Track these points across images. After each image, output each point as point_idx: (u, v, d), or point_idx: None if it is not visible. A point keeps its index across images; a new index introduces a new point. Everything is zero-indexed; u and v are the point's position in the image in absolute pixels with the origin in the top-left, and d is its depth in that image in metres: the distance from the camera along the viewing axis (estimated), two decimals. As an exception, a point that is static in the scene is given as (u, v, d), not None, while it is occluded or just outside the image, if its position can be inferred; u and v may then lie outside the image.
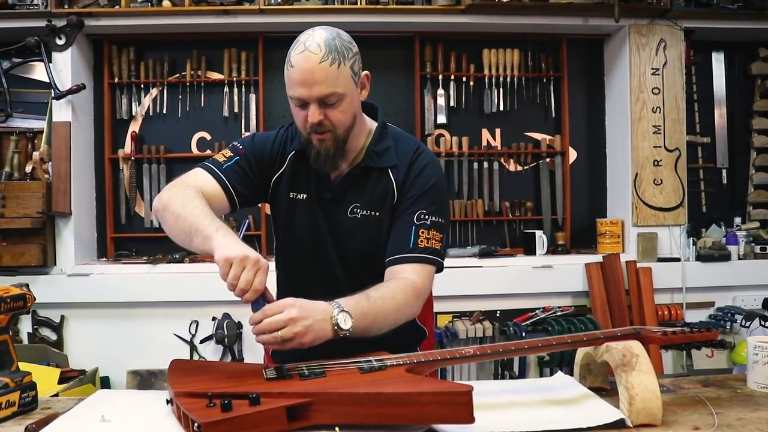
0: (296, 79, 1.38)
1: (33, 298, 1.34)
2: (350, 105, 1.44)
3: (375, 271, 1.50)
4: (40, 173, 3.30)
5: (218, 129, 3.68)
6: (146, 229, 3.64)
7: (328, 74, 1.36)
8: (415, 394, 1.06)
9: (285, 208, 1.58)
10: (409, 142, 1.62)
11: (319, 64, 1.35)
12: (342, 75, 1.39)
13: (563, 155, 3.81)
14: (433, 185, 1.54)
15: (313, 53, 1.36)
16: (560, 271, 3.51)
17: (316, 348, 1.36)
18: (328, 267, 1.56)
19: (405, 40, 3.71)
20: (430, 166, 1.56)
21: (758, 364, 1.35)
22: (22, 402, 1.24)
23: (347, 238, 1.54)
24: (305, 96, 1.38)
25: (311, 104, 1.39)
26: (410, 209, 1.51)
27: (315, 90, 1.37)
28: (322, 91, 1.37)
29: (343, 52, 1.39)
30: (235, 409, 1.03)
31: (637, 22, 3.56)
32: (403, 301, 1.39)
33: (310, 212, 1.55)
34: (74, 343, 3.35)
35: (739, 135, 3.94)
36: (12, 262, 3.23)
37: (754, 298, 3.54)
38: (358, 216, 1.53)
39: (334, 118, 1.42)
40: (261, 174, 1.56)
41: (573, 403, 1.25)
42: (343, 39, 1.41)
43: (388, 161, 1.54)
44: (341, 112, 1.42)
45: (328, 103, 1.39)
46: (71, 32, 3.33)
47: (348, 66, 1.40)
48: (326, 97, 1.38)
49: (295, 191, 1.56)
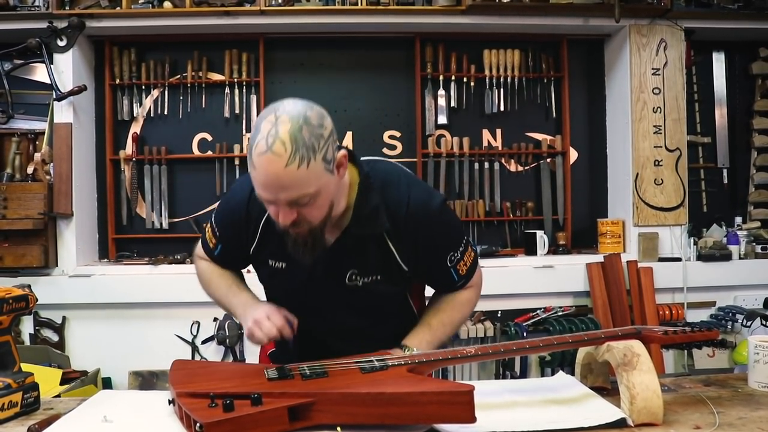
0: (260, 183, 1.20)
1: (35, 299, 1.34)
2: (326, 198, 1.26)
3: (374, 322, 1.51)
4: (41, 174, 3.31)
5: (219, 130, 3.69)
6: (147, 230, 3.65)
7: (295, 178, 1.17)
8: (417, 393, 1.07)
9: (266, 275, 1.52)
10: (398, 188, 1.41)
11: (285, 168, 1.16)
12: (313, 173, 1.19)
13: (564, 155, 3.81)
14: (441, 226, 1.44)
15: (277, 155, 1.15)
16: (561, 271, 3.51)
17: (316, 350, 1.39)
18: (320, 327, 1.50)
19: (406, 40, 3.71)
20: (428, 208, 1.41)
21: (759, 364, 1.35)
22: (25, 403, 1.25)
23: (348, 304, 1.46)
24: (270, 199, 1.23)
25: (280, 206, 1.23)
26: (436, 258, 1.45)
27: (283, 195, 1.20)
28: (291, 195, 1.20)
29: (312, 145, 1.18)
30: (237, 409, 1.03)
31: (638, 22, 3.56)
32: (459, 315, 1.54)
33: (294, 281, 1.44)
34: (76, 344, 3.36)
35: (739, 135, 3.93)
36: (14, 263, 3.23)
37: (755, 297, 3.53)
38: (359, 283, 1.42)
39: (309, 215, 1.26)
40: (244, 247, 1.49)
41: (574, 402, 1.26)
42: (311, 125, 1.19)
43: (380, 225, 1.37)
44: (316, 208, 1.25)
45: (299, 204, 1.22)
46: (72, 33, 3.33)
47: (320, 159, 1.19)
48: (296, 200, 1.21)
49: (274, 259, 1.44)
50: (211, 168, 3.65)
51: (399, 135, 3.76)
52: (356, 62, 3.75)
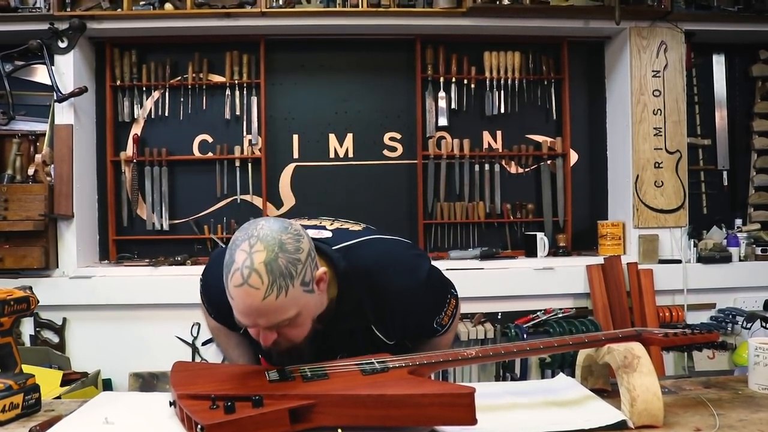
0: (239, 311, 1.19)
1: (36, 301, 1.34)
2: (307, 316, 1.25)
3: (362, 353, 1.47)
4: (42, 176, 3.31)
5: (220, 132, 3.69)
6: (148, 231, 3.65)
7: (274, 306, 1.16)
8: (418, 395, 1.07)
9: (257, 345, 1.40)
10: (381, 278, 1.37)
11: (262, 300, 1.14)
12: (292, 299, 1.17)
13: (564, 157, 3.81)
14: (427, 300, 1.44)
15: (254, 288, 1.13)
16: (561, 272, 3.51)
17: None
18: None
19: (406, 42, 3.71)
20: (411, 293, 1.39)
21: (759, 366, 1.35)
22: (26, 404, 1.25)
23: (332, 347, 1.40)
24: (251, 325, 1.22)
25: (261, 330, 1.22)
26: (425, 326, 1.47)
27: (262, 321, 1.19)
28: (270, 321, 1.19)
29: (289, 272, 1.16)
30: (238, 411, 1.04)
31: (638, 24, 3.57)
32: None
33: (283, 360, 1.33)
34: (76, 345, 3.36)
35: (739, 137, 3.94)
36: (14, 265, 3.23)
37: (755, 299, 3.54)
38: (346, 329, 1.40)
39: (290, 335, 1.24)
40: None
41: (574, 404, 1.26)
42: (287, 251, 1.17)
43: (365, 320, 1.37)
44: (297, 327, 1.24)
45: (280, 326, 1.21)
46: (73, 35, 3.34)
47: (298, 285, 1.18)
48: (276, 325, 1.20)
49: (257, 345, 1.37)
50: (211, 169, 3.65)
51: (399, 137, 3.77)
52: (357, 64, 3.76)
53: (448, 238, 3.73)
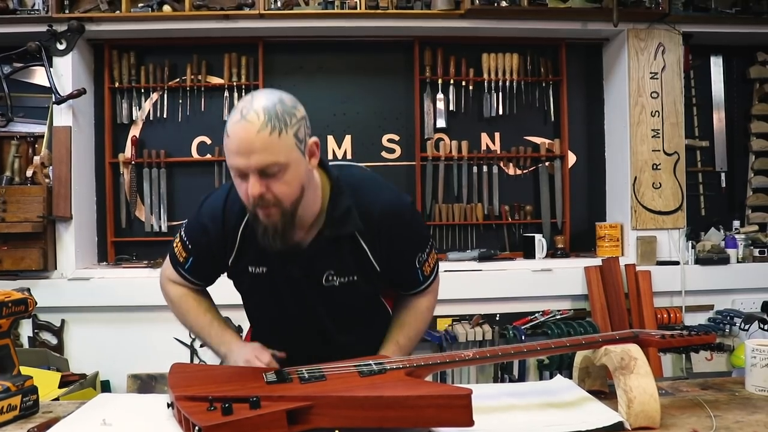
0: (233, 149, 1.27)
1: (34, 303, 1.35)
2: (295, 176, 1.30)
3: (353, 323, 1.56)
4: (40, 178, 3.31)
5: (218, 133, 3.64)
6: (146, 233, 3.65)
7: (266, 143, 1.24)
8: (415, 397, 1.07)
9: (246, 283, 1.53)
10: (369, 191, 1.47)
11: (257, 133, 1.24)
12: (284, 143, 1.26)
13: (562, 159, 3.82)
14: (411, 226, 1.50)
15: (250, 122, 1.24)
16: (559, 274, 3.52)
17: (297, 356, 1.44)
18: (301, 330, 1.54)
19: (405, 44, 3.72)
20: (399, 209, 1.48)
21: (756, 367, 1.35)
22: (24, 406, 1.25)
23: (326, 305, 1.50)
24: (243, 166, 1.26)
25: (251, 175, 1.27)
26: (405, 258, 1.52)
27: (253, 160, 1.25)
28: (260, 161, 1.25)
29: (284, 119, 1.26)
30: (235, 412, 1.04)
31: (636, 26, 3.57)
32: (423, 325, 1.61)
33: (275, 285, 1.48)
34: (74, 347, 3.35)
35: (737, 138, 3.95)
36: (13, 267, 3.23)
37: (753, 301, 3.54)
38: (336, 284, 1.46)
39: (278, 190, 1.29)
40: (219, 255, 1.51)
41: (572, 406, 1.26)
42: (285, 105, 1.29)
43: (353, 226, 1.42)
44: (285, 184, 1.29)
45: (269, 174, 1.27)
46: (72, 37, 3.34)
47: (291, 134, 1.27)
48: (266, 167, 1.26)
49: (254, 265, 1.47)
50: (210, 171, 3.65)
51: (398, 138, 3.77)
52: (355, 66, 3.76)
53: (447, 240, 3.73)
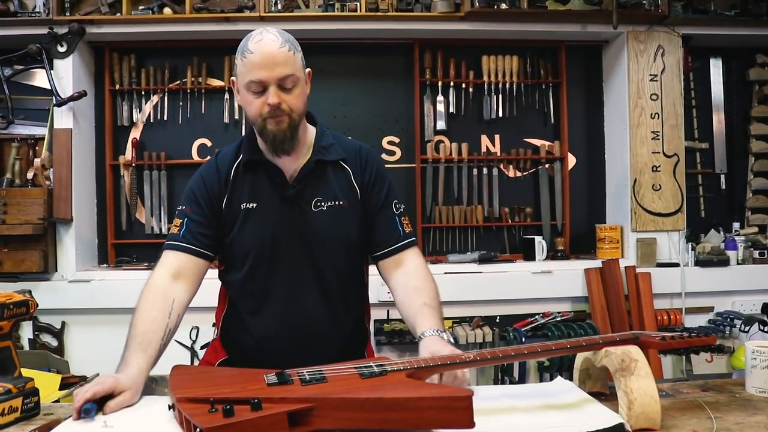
0: (257, 63, 1.43)
1: (36, 305, 1.34)
2: (302, 92, 1.51)
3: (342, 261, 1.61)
4: (41, 180, 3.31)
5: (219, 135, 3.70)
6: (147, 235, 3.65)
7: (286, 57, 1.45)
8: (416, 399, 1.07)
9: (236, 221, 1.57)
10: (349, 140, 1.70)
11: (278, 48, 1.44)
12: (297, 60, 1.49)
13: (562, 161, 3.82)
14: (388, 176, 1.65)
15: (271, 40, 1.45)
16: (560, 276, 3.52)
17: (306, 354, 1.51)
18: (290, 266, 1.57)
19: (405, 46, 3.73)
20: (377, 159, 1.67)
21: (756, 369, 1.36)
22: (25, 408, 1.25)
23: (315, 230, 1.57)
24: (266, 78, 1.43)
25: (271, 86, 1.44)
26: (386, 201, 1.61)
27: (276, 71, 1.43)
28: (282, 72, 1.44)
29: (295, 42, 1.50)
30: (237, 414, 1.03)
31: (635, 28, 3.58)
32: (436, 288, 1.56)
33: (266, 217, 1.56)
34: (75, 349, 3.36)
35: (737, 140, 3.96)
36: (13, 269, 3.24)
37: (753, 302, 3.54)
38: (324, 208, 1.57)
39: (291, 102, 1.47)
40: (213, 211, 1.57)
41: (572, 407, 1.26)
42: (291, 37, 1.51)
43: (337, 154, 1.61)
44: (296, 97, 1.48)
45: (285, 87, 1.46)
46: (72, 39, 3.35)
47: (299, 56, 1.51)
48: (285, 79, 1.45)
49: (246, 201, 1.57)
50: (210, 173, 3.65)
51: (398, 141, 3.77)
52: (355, 68, 3.77)
53: (447, 242, 3.74)
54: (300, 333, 1.57)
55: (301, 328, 1.57)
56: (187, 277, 1.52)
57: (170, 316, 1.48)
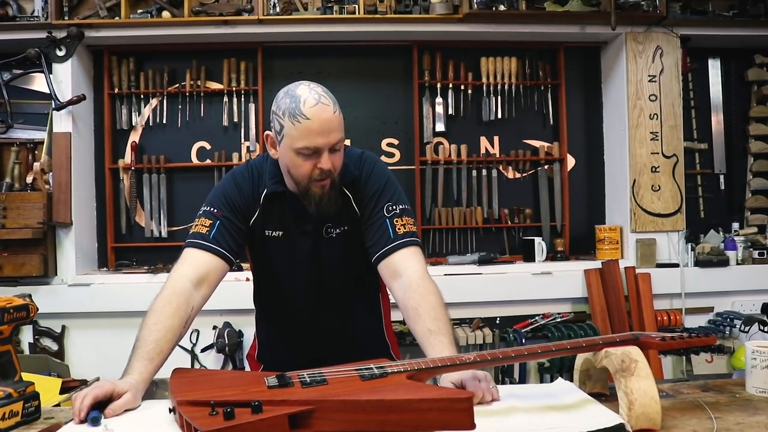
0: (315, 130, 1.43)
1: (36, 309, 1.35)
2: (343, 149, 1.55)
3: (346, 278, 1.68)
4: (40, 184, 3.31)
5: (218, 139, 3.70)
6: (146, 238, 3.65)
7: (339, 122, 1.48)
8: (416, 400, 1.07)
9: (262, 245, 1.64)
10: (353, 151, 1.69)
11: (333, 113, 1.46)
12: (342, 120, 1.50)
13: (561, 162, 3.82)
14: (387, 180, 1.64)
15: (326, 104, 1.45)
16: (559, 277, 3.52)
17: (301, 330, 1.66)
18: (308, 287, 1.66)
19: (403, 48, 3.73)
20: (377, 167, 1.66)
21: (756, 369, 1.36)
22: (26, 412, 1.25)
23: (325, 256, 1.63)
24: (323, 144, 1.45)
25: (325, 152, 1.46)
26: (377, 207, 1.60)
27: (332, 137, 1.45)
28: (336, 137, 1.47)
29: (337, 103, 1.49)
30: (237, 416, 1.03)
31: (634, 29, 3.59)
32: (436, 298, 1.49)
33: (287, 246, 1.62)
34: (75, 352, 3.36)
35: (736, 141, 3.96)
36: (13, 273, 3.24)
37: (752, 303, 3.54)
38: (333, 235, 1.62)
39: (337, 163, 1.50)
40: (244, 221, 1.60)
41: (573, 408, 1.26)
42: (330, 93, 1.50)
43: (350, 174, 1.61)
44: (340, 157, 1.52)
45: (336, 149, 1.48)
46: (71, 43, 3.35)
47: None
48: (337, 143, 1.48)
49: (270, 229, 1.62)
50: (210, 176, 3.66)
51: (397, 143, 3.78)
52: (354, 70, 3.77)
53: (447, 244, 3.74)
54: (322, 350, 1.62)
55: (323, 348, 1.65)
56: (210, 282, 1.52)
57: (186, 324, 1.47)
